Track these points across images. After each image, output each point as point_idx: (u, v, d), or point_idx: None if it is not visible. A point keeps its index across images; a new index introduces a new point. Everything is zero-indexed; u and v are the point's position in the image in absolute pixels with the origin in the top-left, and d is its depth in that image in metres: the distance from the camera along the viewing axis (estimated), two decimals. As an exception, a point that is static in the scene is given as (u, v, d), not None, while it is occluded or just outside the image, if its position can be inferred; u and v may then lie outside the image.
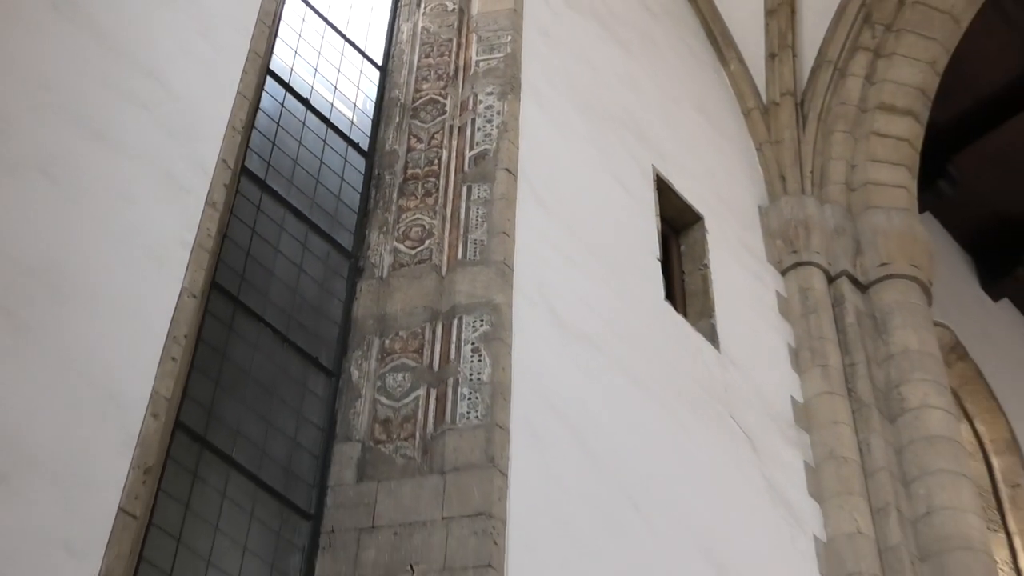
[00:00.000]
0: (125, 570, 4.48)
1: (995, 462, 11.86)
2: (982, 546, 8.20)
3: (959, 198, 13.39)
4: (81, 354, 4.70)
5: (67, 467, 4.41)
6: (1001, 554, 10.91)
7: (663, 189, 8.74)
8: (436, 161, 7.34)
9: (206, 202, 5.60)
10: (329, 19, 7.82)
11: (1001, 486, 11.69)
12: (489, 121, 7.49)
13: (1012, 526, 11.39)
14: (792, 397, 8.62)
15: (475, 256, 6.81)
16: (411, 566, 5.63)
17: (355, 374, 6.38)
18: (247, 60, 6.32)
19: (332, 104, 7.47)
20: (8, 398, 4.35)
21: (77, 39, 5.48)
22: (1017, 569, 11.04)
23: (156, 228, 5.32)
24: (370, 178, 7.31)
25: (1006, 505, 11.54)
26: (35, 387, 4.48)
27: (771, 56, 10.46)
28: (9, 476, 4.22)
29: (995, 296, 13.88)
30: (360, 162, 7.38)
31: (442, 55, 7.97)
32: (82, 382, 4.64)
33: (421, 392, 6.30)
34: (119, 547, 4.40)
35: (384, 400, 6.29)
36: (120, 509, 4.48)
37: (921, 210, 10.62)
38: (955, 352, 11.89)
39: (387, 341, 6.54)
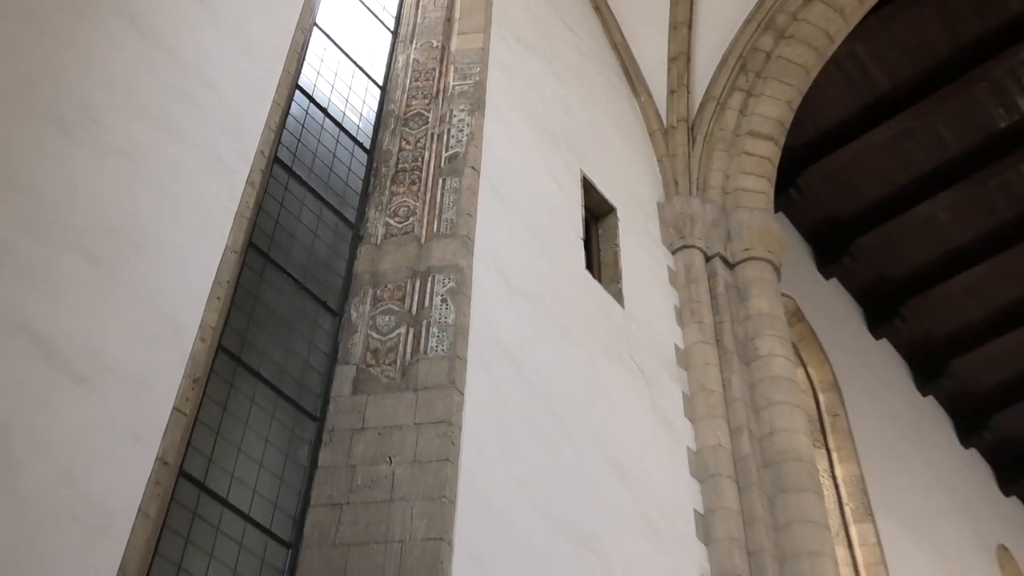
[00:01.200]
0: (177, 454, 4.50)
1: (821, 398, 12.01)
2: (808, 458, 8.30)
3: (803, 203, 13.49)
4: (149, 292, 4.71)
5: (136, 375, 4.41)
6: (822, 464, 11.05)
7: (587, 187, 8.78)
8: (420, 159, 7.36)
9: (247, 182, 5.60)
10: (344, 49, 7.82)
11: (824, 415, 11.83)
12: (460, 131, 7.50)
13: (831, 444, 11.56)
14: (676, 345, 8.68)
15: (446, 231, 6.82)
16: (390, 458, 5.64)
17: (353, 315, 6.38)
18: (281, 77, 6.31)
19: (344, 113, 7.47)
20: (93, 323, 4.36)
21: (150, 53, 5.44)
22: (833, 476, 11.18)
23: (208, 200, 5.33)
24: (370, 169, 7.33)
25: (828, 429, 11.70)
26: (115, 315, 4.48)
27: (671, 92, 10.49)
28: (93, 380, 4.21)
29: (827, 276, 14.02)
30: (363, 157, 7.40)
31: (427, 80, 7.96)
32: (150, 312, 4.65)
33: (402, 330, 6.31)
34: (172, 436, 4.42)
35: (374, 335, 6.30)
36: (174, 408, 4.48)
37: (776, 210, 10.68)
38: (795, 316, 12.01)
39: (378, 291, 6.54)
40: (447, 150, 7.37)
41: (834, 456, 11.35)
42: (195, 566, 4.78)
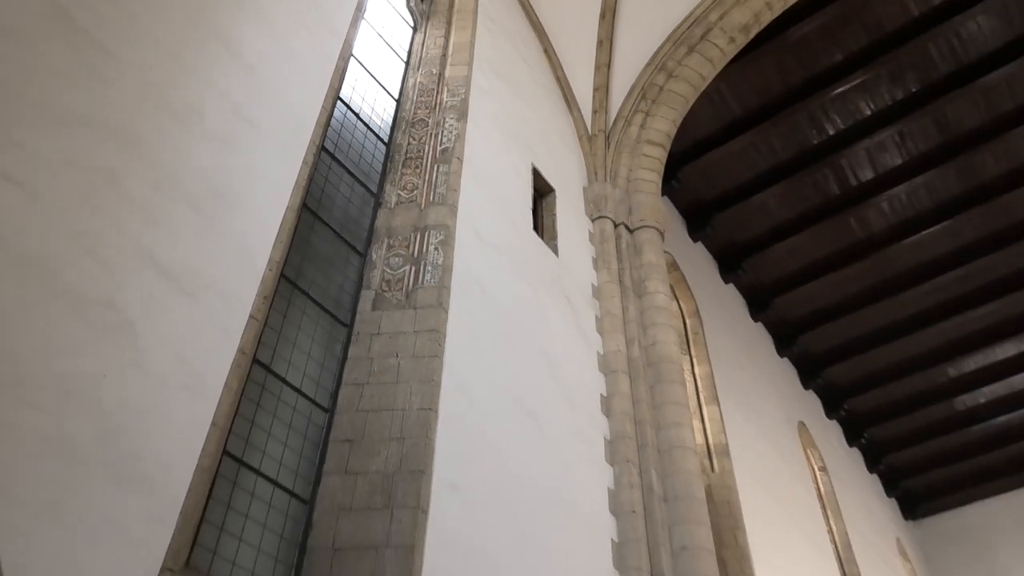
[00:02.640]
0: (251, 346, 4.50)
1: (688, 322, 12.13)
2: (677, 360, 8.41)
3: (681, 190, 13.54)
4: (236, 235, 4.68)
5: (225, 291, 4.40)
6: (686, 365, 11.19)
7: (536, 174, 8.75)
8: (422, 151, 7.30)
9: (302, 162, 5.52)
10: (372, 73, 7.70)
11: (689, 333, 11.96)
12: (450, 133, 7.43)
13: (693, 352, 11.69)
14: (592, 283, 8.72)
15: (438, 201, 6.78)
16: (397, 354, 5.65)
17: (374, 256, 6.34)
18: (328, 90, 6.22)
19: (371, 117, 7.37)
20: (197, 254, 4.34)
21: (239, 71, 5.36)
22: (693, 373, 11.33)
23: (277, 174, 5.26)
24: (388, 157, 7.25)
25: (691, 342, 11.83)
26: (211, 250, 4.46)
27: (594, 112, 10.43)
28: (196, 293, 4.21)
29: (694, 240, 14.11)
30: (383, 148, 7.31)
31: (428, 96, 7.87)
32: (235, 249, 4.64)
33: (407, 268, 6.28)
34: (249, 334, 4.44)
35: (388, 270, 6.27)
36: (250, 316, 4.48)
37: (662, 194, 10.70)
38: (673, 266, 12.10)
39: (391, 241, 6.49)
40: (440, 145, 7.30)
41: (694, 360, 11.51)
42: (263, 423, 4.81)
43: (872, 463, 17.96)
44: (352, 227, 6.46)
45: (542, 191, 8.89)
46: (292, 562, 4.58)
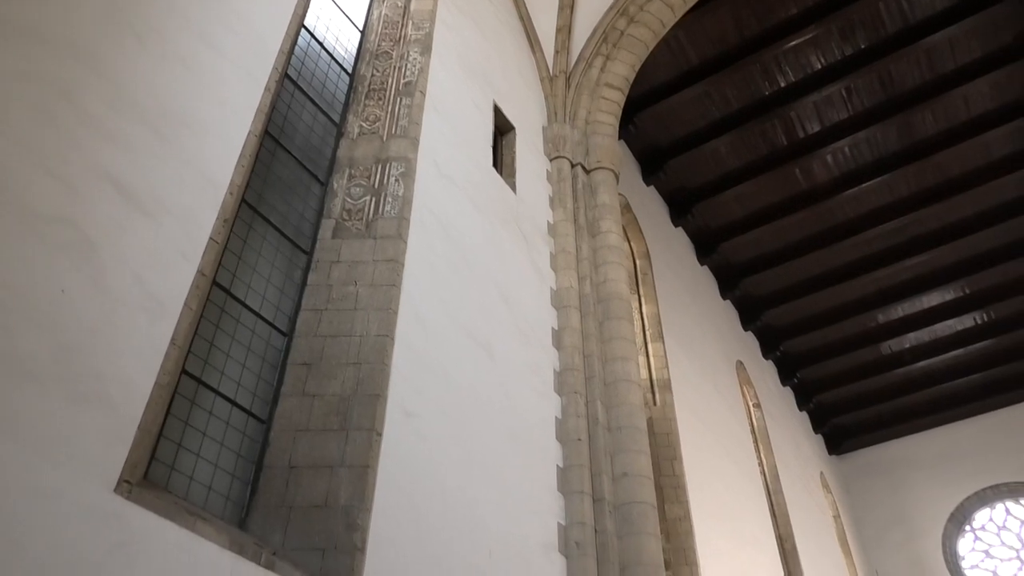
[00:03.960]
0: (211, 269, 4.38)
1: (638, 262, 12.20)
2: (626, 298, 8.47)
3: (637, 134, 13.48)
4: (196, 158, 4.52)
5: (185, 214, 4.27)
6: (634, 304, 11.30)
7: (497, 111, 8.61)
8: (385, 83, 7.10)
9: (265, 88, 5.33)
10: (337, 3, 7.41)
11: (639, 273, 12.05)
12: (414, 66, 7.25)
13: (641, 292, 11.79)
14: (548, 221, 8.69)
15: (400, 133, 6.64)
16: (355, 282, 5.58)
17: (335, 186, 6.21)
18: (292, 18, 5.99)
19: (335, 47, 7.12)
20: (157, 176, 4.19)
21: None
22: (641, 312, 11.45)
23: (240, 98, 5.07)
24: (351, 88, 7.03)
25: (640, 282, 11.92)
26: (171, 172, 4.31)
27: (556, 52, 10.24)
28: (156, 215, 4.08)
29: (647, 183, 14.10)
30: (346, 79, 7.08)
31: (393, 29, 7.62)
32: (196, 172, 4.48)
33: (367, 198, 6.17)
34: (208, 257, 4.31)
35: (349, 200, 6.15)
36: (210, 239, 4.36)
37: (619, 138, 10.64)
38: (626, 208, 12.11)
39: (352, 171, 6.35)
40: (404, 78, 7.12)
41: (642, 299, 11.62)
42: (222, 344, 4.74)
43: (802, 402, 18.50)
44: (314, 156, 6.31)
45: (502, 129, 8.76)
46: (249, 479, 4.57)
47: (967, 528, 17.94)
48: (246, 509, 4.46)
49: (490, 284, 6.94)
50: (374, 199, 6.17)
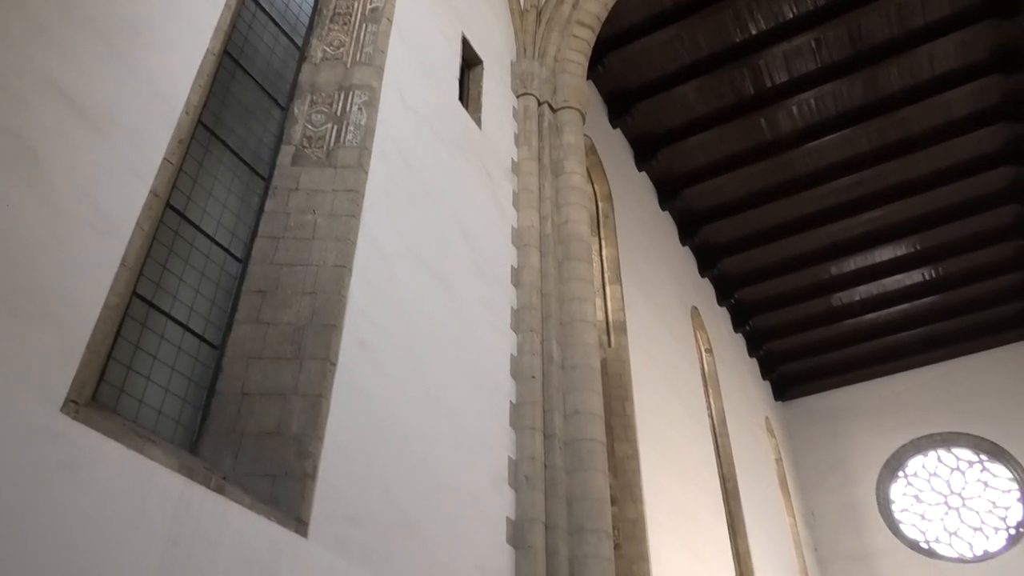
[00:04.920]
0: (164, 190, 4.25)
1: (600, 205, 12.18)
2: (587, 240, 8.48)
3: (605, 75, 13.33)
4: (151, 74, 4.34)
5: (138, 132, 4.12)
6: (595, 246, 11.32)
7: (465, 44, 8.41)
8: (351, 8, 6.86)
9: (224, 5, 5.12)
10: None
11: (601, 216, 12.03)
12: (381, -8, 7.01)
13: (602, 234, 11.79)
14: (512, 158, 8.60)
15: (365, 61, 6.45)
16: (314, 211, 5.48)
17: (296, 111, 6.04)
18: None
19: (299, -33, 6.84)
20: (108, 90, 4.02)
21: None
22: (601, 254, 11.48)
23: (198, 14, 4.85)
24: (315, 11, 6.78)
25: (601, 224, 11.91)
26: (125, 87, 4.15)
27: (528, -14, 10.02)
28: (107, 131, 3.93)
29: (614, 126, 14.01)
30: (311, 2, 6.82)
31: (360, -49, 7.34)
32: (150, 89, 4.31)
33: (329, 126, 6.02)
34: (162, 177, 4.18)
35: (310, 127, 5.99)
36: (164, 159, 4.22)
37: (587, 78, 10.48)
38: (591, 150, 12.02)
39: (314, 97, 6.18)
40: (370, 4, 6.86)
41: (603, 242, 11.64)
42: (175, 268, 4.64)
43: (753, 349, 18.88)
44: (275, 80, 6.11)
45: (470, 62, 8.58)
46: (200, 404, 4.54)
47: (900, 474, 18.68)
48: (197, 434, 4.44)
49: (451, 219, 6.88)
50: (336, 127, 6.02)
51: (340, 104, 6.14)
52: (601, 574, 6.31)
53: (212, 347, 4.73)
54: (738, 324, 18.17)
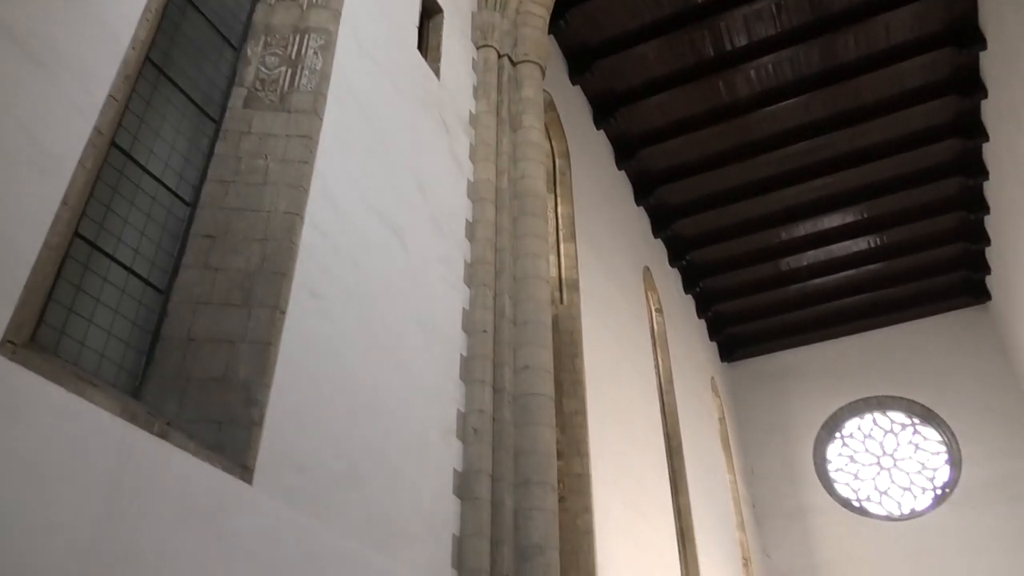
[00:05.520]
0: (109, 128, 4.11)
1: (557, 162, 12.14)
2: (543, 196, 8.48)
3: (567, 31, 13.19)
4: (96, 7, 4.14)
5: (83, 68, 3.96)
6: (550, 203, 11.30)
7: (425, -10, 8.20)
8: (308, -53, 6.62)
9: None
10: None
11: (558, 173, 12.00)
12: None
13: (558, 192, 11.76)
14: (470, 111, 8.48)
15: (321, 3, 6.24)
16: (266, 155, 5.36)
17: (249, 53, 5.85)
18: None
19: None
20: (52, 24, 3.83)
21: None
22: (556, 212, 11.47)
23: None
24: (270, -52, 6.52)
25: (558, 182, 11.87)
26: (69, 21, 3.96)
27: (491, -65, 9.78)
28: (51, 66, 3.77)
29: (574, 83, 13.90)
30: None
31: None
32: (96, 23, 4.12)
33: (283, 69, 5.85)
34: (107, 115, 4.03)
35: (263, 69, 5.82)
36: (110, 95, 4.07)
37: (549, 32, 10.35)
38: (550, 106, 11.92)
39: (269, 39, 5.99)
40: (329, -56, 6.68)
41: (558, 199, 11.63)
42: (120, 209, 4.51)
43: (702, 310, 19.20)
44: (227, 19, 5.90)
45: (430, 10, 8.40)
46: (144, 349, 4.45)
47: (837, 435, 19.33)
48: (140, 379, 4.36)
49: (406, 170, 6.80)
50: (290, 71, 5.87)
51: (295, 47, 5.97)
52: (545, 526, 6.44)
53: (157, 291, 4.63)
54: (688, 285, 18.42)
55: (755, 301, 19.26)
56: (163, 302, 4.62)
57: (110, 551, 3.35)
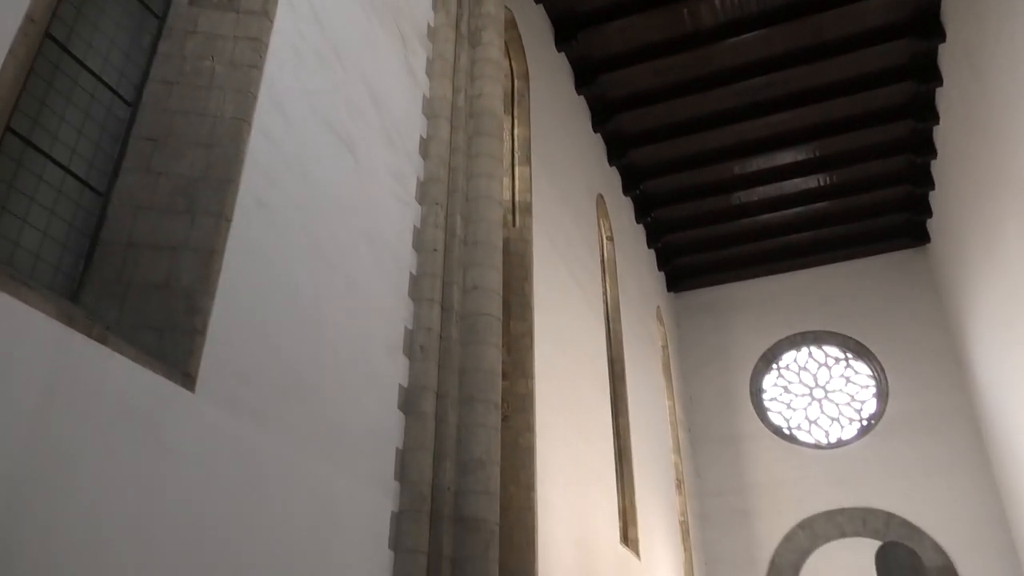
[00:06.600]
0: (42, 17, 3.86)
1: (516, 83, 11.88)
2: (499, 116, 8.32)
3: (532, -54, 12.76)
4: None
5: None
6: (507, 124, 11.13)
7: None
8: None
9: None
10: None
11: (516, 95, 11.76)
12: None
13: (516, 113, 11.54)
14: (428, 23, 8.20)
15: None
16: (212, 57, 5.12)
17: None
18: None
19: None
20: None
21: None
22: (513, 134, 11.29)
23: None
24: None
25: (516, 104, 11.64)
26: None
27: None
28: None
29: (537, 1, 13.52)
30: None
31: None
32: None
33: (233, -34, 5.55)
34: (41, 2, 3.77)
35: (211, -35, 5.51)
36: (43, -20, 3.80)
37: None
38: (511, 23, 11.60)
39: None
40: None
41: (515, 121, 11.43)
42: (56, 106, 4.29)
43: (652, 240, 19.35)
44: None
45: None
46: (83, 252, 4.31)
47: (774, 366, 19.93)
48: (78, 283, 4.24)
49: (360, 82, 6.59)
50: (241, -31, 5.57)
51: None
52: (487, 441, 6.55)
53: (97, 193, 4.46)
54: (640, 215, 18.50)
55: (704, 234, 19.47)
56: (103, 205, 4.46)
57: (45, 452, 3.30)
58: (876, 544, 15.43)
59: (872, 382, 19.01)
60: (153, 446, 3.85)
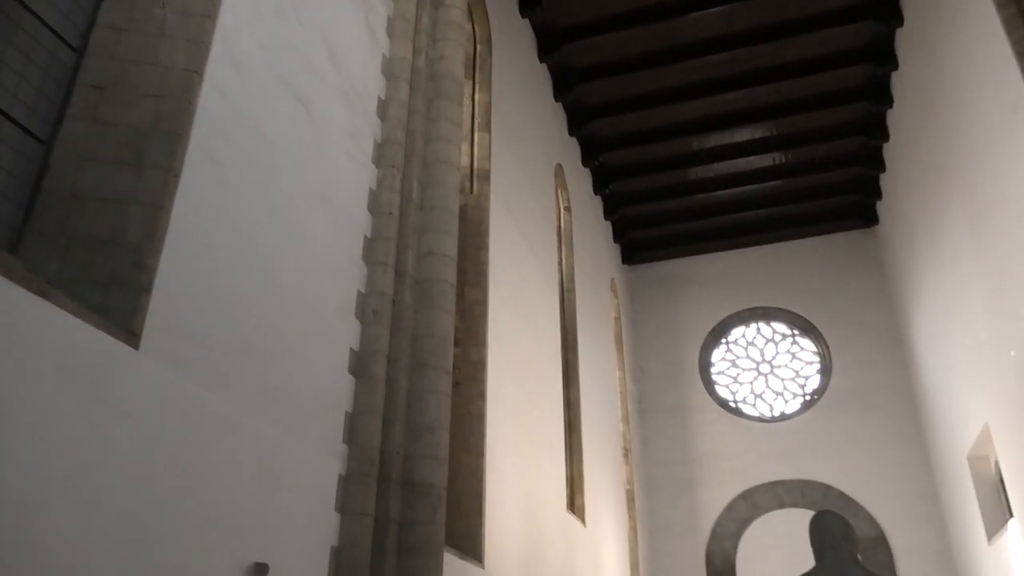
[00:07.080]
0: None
1: (479, 47, 11.73)
2: (459, 80, 8.22)
3: (499, -92, 12.53)
4: None
5: None
6: (468, 89, 11.00)
7: None
8: None
9: None
10: None
11: (478, 60, 11.62)
12: None
13: (476, 78, 11.40)
14: (390, -18, 8.03)
15: None
16: (163, 3, 4.94)
17: None
18: None
19: None
20: None
21: None
22: (473, 99, 11.17)
23: None
24: None
25: (477, 68, 11.49)
26: None
27: None
28: None
29: None
30: None
31: None
32: None
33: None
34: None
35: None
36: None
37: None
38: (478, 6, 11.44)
39: None
40: None
41: (477, 86, 11.30)
42: (8, 58, 4.11)
43: (609, 212, 19.42)
44: None
45: None
46: (23, 202, 4.17)
47: (723, 341, 20.29)
48: (18, 234, 4.10)
49: (318, 38, 6.43)
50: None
51: None
52: (437, 407, 6.56)
53: (39, 141, 4.30)
54: (598, 186, 18.54)
55: (660, 208, 19.60)
56: (44, 153, 4.30)
57: (-20, 407, 3.21)
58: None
59: (817, 359, 19.48)
60: (96, 403, 3.76)
